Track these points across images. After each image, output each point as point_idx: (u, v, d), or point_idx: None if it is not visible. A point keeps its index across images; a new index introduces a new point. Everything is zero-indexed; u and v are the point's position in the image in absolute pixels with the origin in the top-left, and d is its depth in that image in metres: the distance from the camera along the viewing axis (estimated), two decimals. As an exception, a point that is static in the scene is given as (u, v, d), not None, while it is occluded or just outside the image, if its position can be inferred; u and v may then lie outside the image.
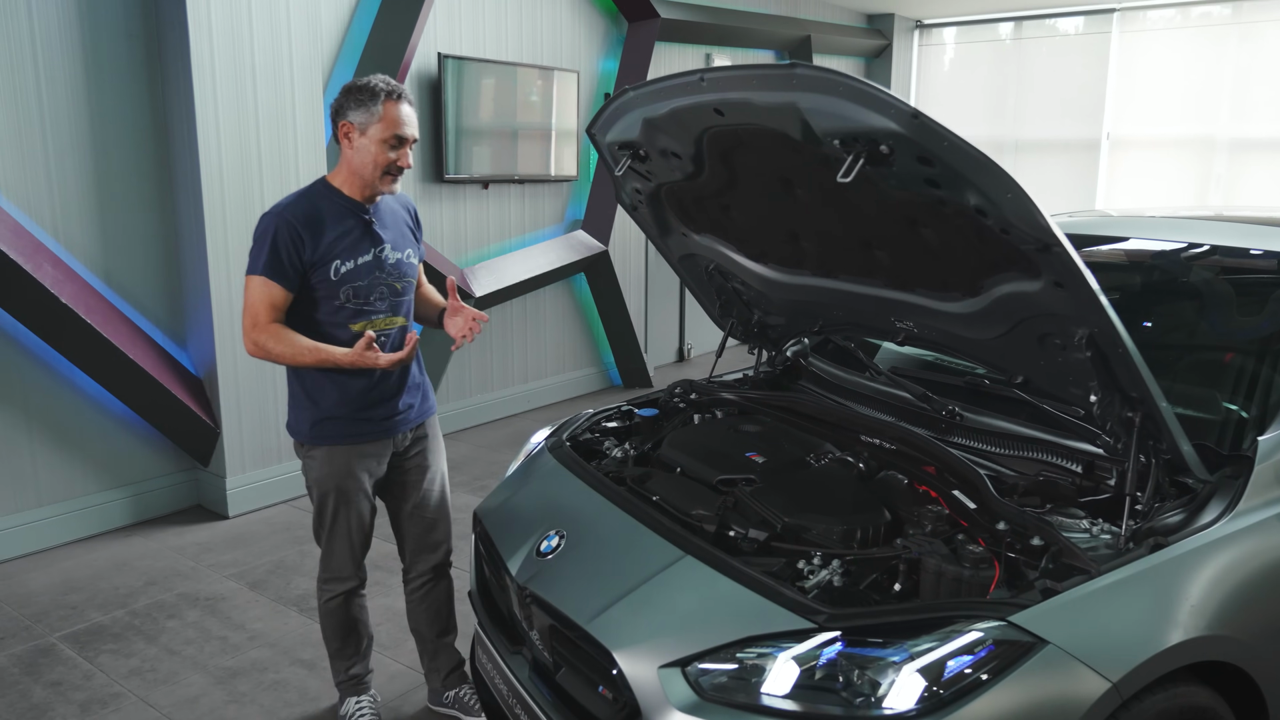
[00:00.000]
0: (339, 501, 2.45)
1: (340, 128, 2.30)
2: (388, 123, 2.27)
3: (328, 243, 2.30)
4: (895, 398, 2.52)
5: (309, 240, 2.27)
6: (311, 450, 2.44)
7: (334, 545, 2.50)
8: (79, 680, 2.91)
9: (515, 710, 2.05)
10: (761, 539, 1.93)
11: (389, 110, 2.27)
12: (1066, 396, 2.03)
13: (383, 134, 2.27)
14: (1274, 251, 2.54)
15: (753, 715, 1.60)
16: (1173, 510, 1.87)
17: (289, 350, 2.29)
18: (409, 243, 2.49)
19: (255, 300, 2.28)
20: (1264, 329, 2.51)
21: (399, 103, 2.30)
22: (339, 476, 2.42)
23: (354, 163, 2.32)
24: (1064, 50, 8.76)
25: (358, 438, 2.41)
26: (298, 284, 2.29)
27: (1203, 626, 1.72)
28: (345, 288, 2.33)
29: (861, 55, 8.99)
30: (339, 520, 2.47)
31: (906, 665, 1.56)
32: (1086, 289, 1.61)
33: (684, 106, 2.11)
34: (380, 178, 2.33)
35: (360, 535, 2.51)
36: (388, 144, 2.29)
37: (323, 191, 2.36)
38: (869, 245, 2.16)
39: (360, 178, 2.33)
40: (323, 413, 2.39)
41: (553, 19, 5.83)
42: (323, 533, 2.50)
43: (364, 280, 2.36)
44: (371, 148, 2.28)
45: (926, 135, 1.56)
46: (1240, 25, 7.90)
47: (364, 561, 2.57)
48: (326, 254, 2.30)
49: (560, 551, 2.03)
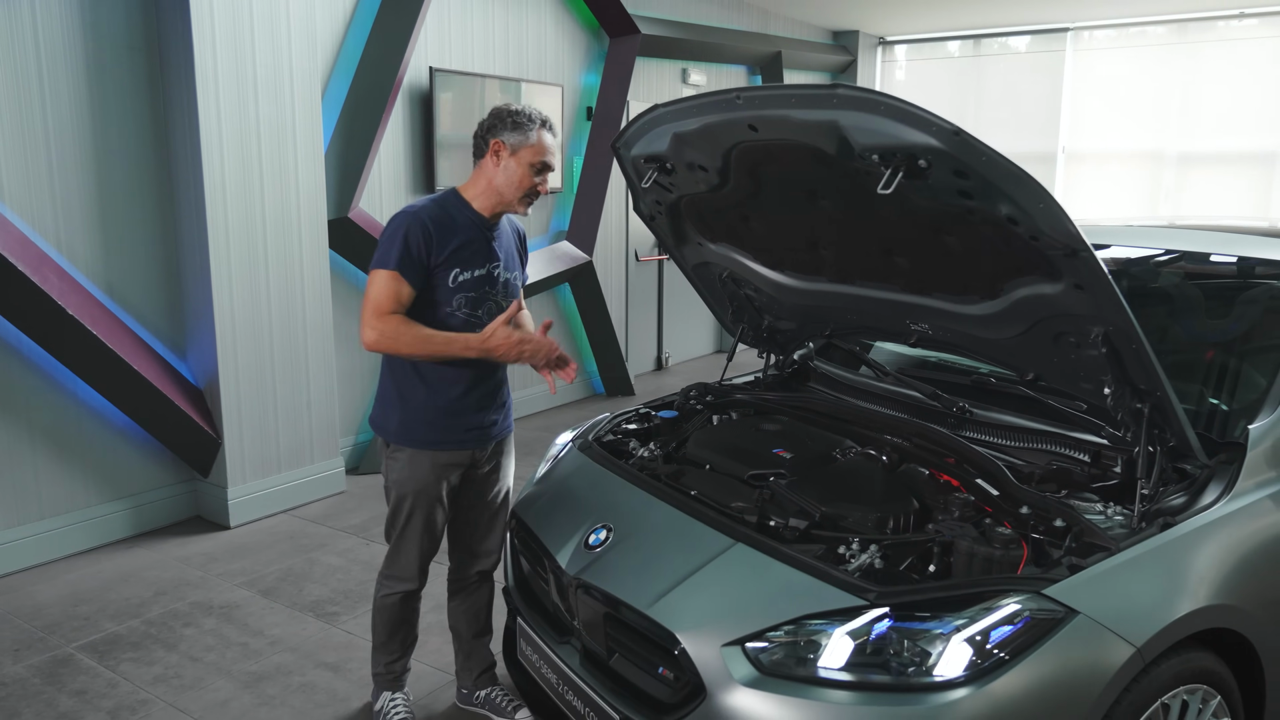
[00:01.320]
0: (415, 505, 2.51)
1: (491, 145, 2.41)
2: (538, 149, 2.40)
3: (452, 249, 2.38)
4: (904, 396, 2.68)
5: (437, 242, 2.36)
6: (396, 451, 2.50)
7: (403, 546, 2.56)
8: (103, 688, 2.93)
9: (566, 697, 2.15)
10: (802, 528, 2.06)
11: (542, 137, 2.41)
12: (1077, 391, 2.19)
13: (532, 158, 2.40)
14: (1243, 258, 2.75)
15: (811, 687, 1.73)
16: (1176, 493, 2.04)
17: (415, 336, 2.32)
18: (516, 265, 2.59)
19: (381, 293, 2.32)
20: (1233, 330, 2.72)
21: (548, 132, 2.44)
22: (420, 481, 2.48)
23: (496, 180, 2.42)
24: (1020, 67, 9.11)
25: (442, 445, 2.48)
26: (422, 283, 2.37)
27: (1209, 596, 1.89)
28: (459, 296, 2.41)
29: (828, 71, 9.24)
30: (412, 523, 2.52)
31: (954, 636, 1.69)
32: (1109, 290, 1.77)
33: (717, 122, 2.24)
34: (520, 199, 2.44)
35: (430, 541, 2.57)
36: (534, 168, 2.41)
37: (455, 201, 2.45)
38: (890, 252, 2.30)
39: (499, 195, 2.43)
40: (411, 414, 2.46)
41: (538, 34, 5.95)
42: (393, 533, 2.55)
43: (476, 292, 2.45)
44: (518, 170, 2.39)
45: (966, 151, 1.71)
46: (1185, 45, 8.30)
47: (428, 567, 2.63)
48: (450, 260, 2.38)
49: (610, 544, 2.14)
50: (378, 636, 2.67)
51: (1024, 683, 1.68)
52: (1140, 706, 1.80)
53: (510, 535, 2.59)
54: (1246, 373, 2.53)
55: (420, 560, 2.58)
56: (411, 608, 2.68)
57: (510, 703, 2.73)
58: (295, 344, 4.42)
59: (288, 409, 4.42)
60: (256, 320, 4.23)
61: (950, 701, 1.65)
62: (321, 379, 4.57)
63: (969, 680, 1.66)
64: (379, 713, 2.69)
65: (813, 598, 1.82)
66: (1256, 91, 8.01)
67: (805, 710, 1.70)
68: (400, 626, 2.67)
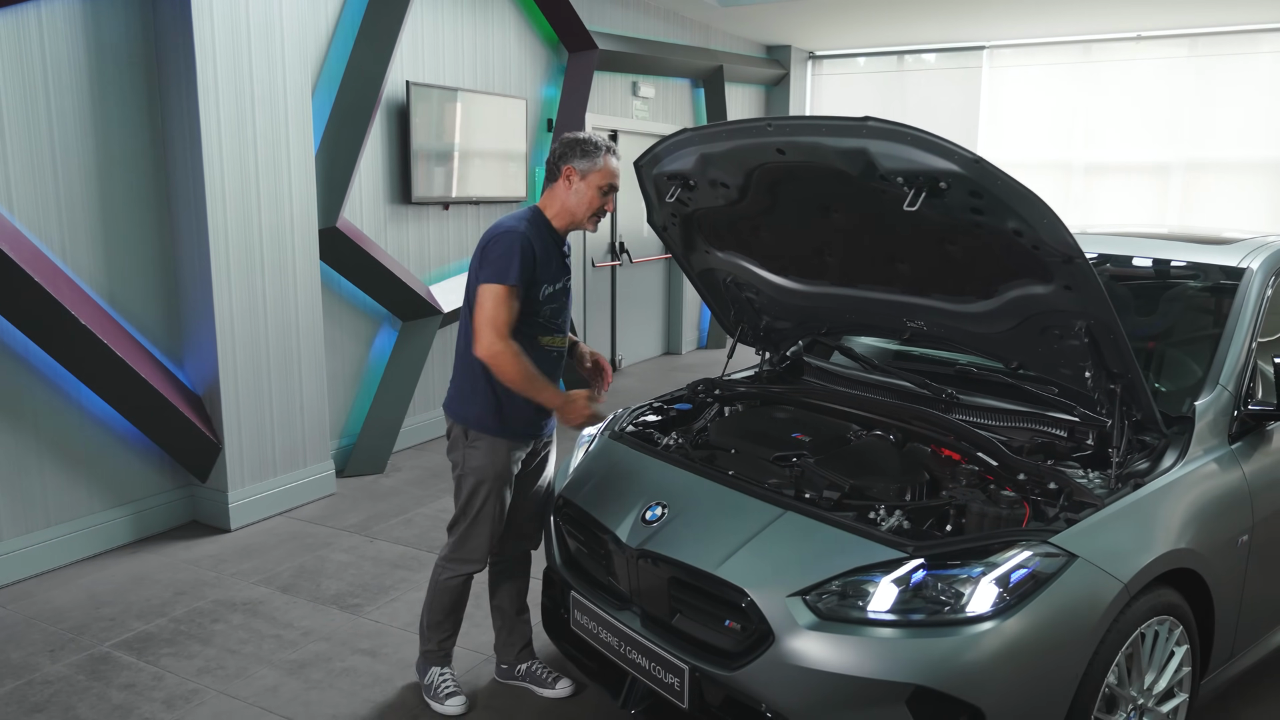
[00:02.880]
0: (492, 490, 2.73)
1: (564, 171, 2.66)
2: (605, 173, 2.66)
3: (543, 265, 2.64)
4: (895, 385, 3.04)
5: (539, 260, 2.62)
6: (477, 439, 2.71)
7: (476, 529, 2.77)
8: (150, 682, 3.06)
9: (630, 656, 2.42)
10: (835, 498, 2.38)
11: (608, 162, 2.67)
12: (1057, 377, 2.57)
13: (600, 181, 2.65)
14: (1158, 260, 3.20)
15: (865, 627, 2.04)
16: (1140, 459, 2.44)
17: (521, 371, 2.57)
18: (568, 275, 2.83)
19: (500, 308, 2.55)
20: (1158, 325, 3.16)
21: (613, 157, 2.70)
22: (498, 466, 2.72)
23: (569, 202, 2.67)
24: (941, 82, 9.73)
25: (517, 435, 2.73)
26: (524, 297, 2.62)
27: (1174, 542, 2.28)
28: (547, 307, 2.68)
29: (763, 84, 9.69)
30: (487, 506, 2.75)
31: (983, 579, 2.03)
32: (1097, 289, 2.15)
33: (746, 145, 2.55)
34: (589, 218, 2.70)
35: (499, 524, 2.80)
36: (602, 190, 2.67)
37: (541, 220, 2.69)
38: (893, 259, 2.65)
39: (571, 214, 2.68)
40: (495, 406, 2.69)
41: (502, 49, 6.17)
42: (465, 519, 2.77)
43: (558, 304, 2.72)
44: (588, 192, 2.65)
45: (984, 175, 2.05)
46: (1090, 64, 9.03)
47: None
48: (541, 275, 2.64)
49: (667, 518, 2.42)
50: (434, 615, 2.88)
51: (1039, 614, 2.02)
52: (1124, 634, 2.17)
53: (555, 519, 2.84)
54: (1180, 359, 2.96)
55: (490, 542, 2.80)
56: (469, 589, 2.91)
57: (550, 674, 2.97)
58: (289, 349, 4.55)
59: (283, 413, 4.55)
60: (254, 326, 4.35)
61: (982, 632, 1.99)
62: (313, 384, 4.70)
63: (996, 614, 2.00)
64: (429, 686, 2.91)
65: (859, 553, 2.14)
66: (1153, 107, 8.78)
67: (861, 646, 2.02)
68: (459, 606, 2.91)
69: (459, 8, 5.77)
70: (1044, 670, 2.04)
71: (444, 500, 4.78)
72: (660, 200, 3.01)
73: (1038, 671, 2.03)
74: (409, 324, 5.47)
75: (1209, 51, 8.57)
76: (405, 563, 4.00)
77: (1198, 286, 3.05)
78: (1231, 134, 8.54)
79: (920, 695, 1.97)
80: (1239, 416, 2.59)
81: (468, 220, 6.02)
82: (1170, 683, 2.36)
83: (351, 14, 4.97)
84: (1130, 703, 2.26)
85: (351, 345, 5.27)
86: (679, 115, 8.45)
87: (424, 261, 5.70)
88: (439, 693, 2.90)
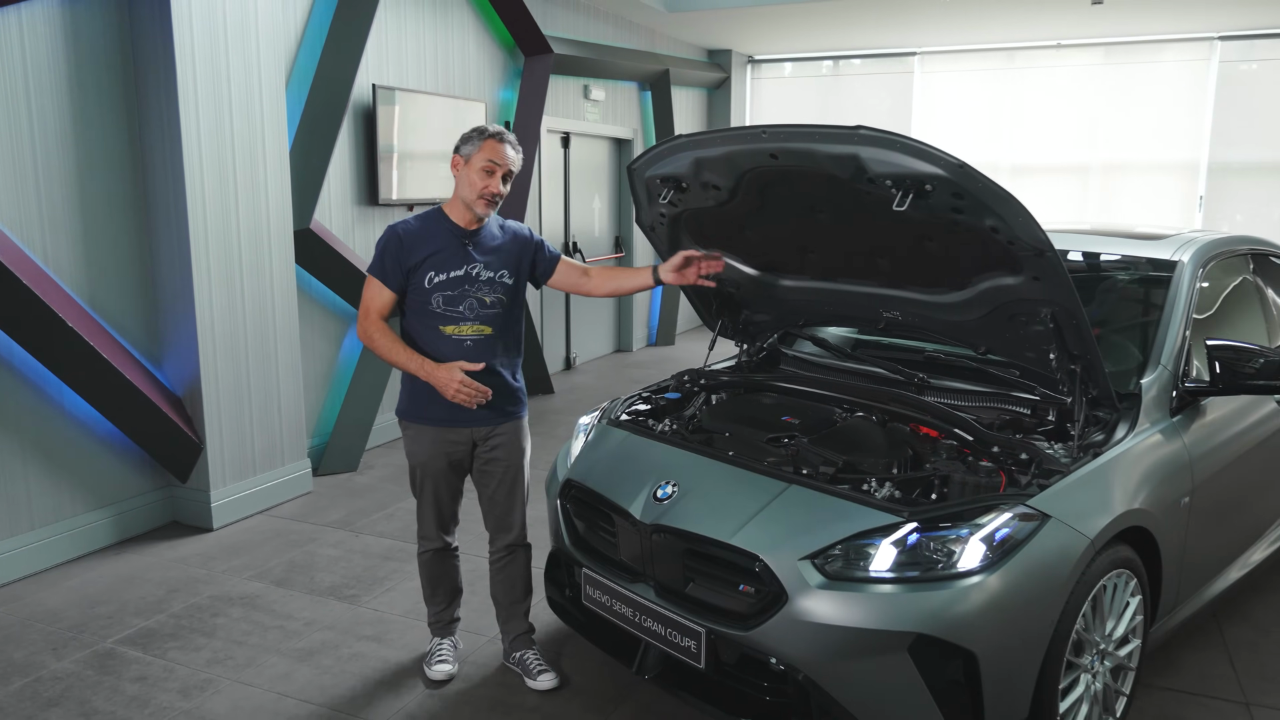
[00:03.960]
0: (423, 475, 2.96)
1: (452, 161, 2.84)
2: (484, 152, 2.79)
3: (425, 255, 2.79)
4: (869, 372, 3.29)
5: (410, 251, 2.79)
6: (405, 426, 2.95)
7: (421, 510, 3.02)
8: (161, 674, 3.12)
9: (645, 624, 2.61)
10: (831, 473, 2.61)
11: (487, 144, 2.80)
12: (1021, 360, 2.85)
13: (480, 162, 2.78)
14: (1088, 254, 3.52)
15: (869, 585, 2.27)
16: (1096, 432, 2.73)
17: (385, 345, 2.79)
18: (506, 265, 2.91)
19: (366, 295, 2.84)
20: (1096, 314, 3.48)
21: (496, 140, 2.82)
22: (423, 453, 2.92)
23: (460, 189, 2.83)
24: (875, 86, 10.14)
25: (434, 423, 2.88)
26: (401, 286, 2.80)
27: (1130, 503, 2.57)
28: (437, 295, 2.81)
29: (706, 86, 9.96)
30: (424, 491, 2.98)
31: (971, 538, 2.28)
32: (1064, 280, 2.41)
33: (740, 150, 2.75)
34: (477, 198, 2.80)
35: (437, 508, 2.99)
36: (485, 171, 2.78)
37: (434, 215, 2.87)
38: (873, 254, 2.89)
39: (462, 200, 2.83)
40: (413, 395, 2.89)
41: (462, 53, 6.28)
42: (415, 498, 3.02)
43: (454, 290, 2.82)
44: (470, 174, 2.79)
45: (966, 178, 2.30)
46: (1014, 70, 9.53)
47: (450, 529, 3.03)
48: (424, 263, 2.79)
49: (678, 495, 2.61)
50: (424, 590, 3.11)
51: (1020, 568, 2.28)
52: (1090, 585, 2.44)
53: (561, 502, 3.01)
54: (1120, 344, 3.28)
55: (437, 523, 3.01)
56: (446, 564, 3.08)
57: (539, 666, 3.08)
58: (267, 349, 4.60)
59: (261, 413, 4.60)
60: (233, 326, 4.40)
61: (972, 585, 2.23)
62: (290, 383, 4.76)
63: (983, 569, 2.25)
64: (426, 653, 3.11)
65: (859, 520, 2.36)
66: (1072, 111, 9.33)
67: (866, 602, 2.25)
68: (441, 580, 3.08)
69: (420, 11, 5.86)
70: (1025, 617, 2.30)
71: (422, 495, 4.89)
72: (650, 201, 3.19)
73: (1020, 618, 2.29)
74: (378, 324, 5.55)
75: (1122, 59, 9.14)
76: (394, 555, 4.11)
77: (1134, 278, 3.37)
78: (1144, 136, 9.14)
79: (920, 642, 2.21)
80: (1179, 393, 2.90)
81: (431, 221, 6.11)
82: (1126, 629, 2.66)
83: (320, 16, 5.03)
84: (1094, 647, 2.54)
85: (322, 345, 5.33)
86: (628, 117, 8.65)
87: (390, 262, 5.78)
88: (431, 659, 3.11)
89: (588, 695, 3.00)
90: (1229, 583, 3.25)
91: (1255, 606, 3.58)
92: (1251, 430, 3.16)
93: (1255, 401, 3.21)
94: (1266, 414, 3.25)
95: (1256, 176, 8.87)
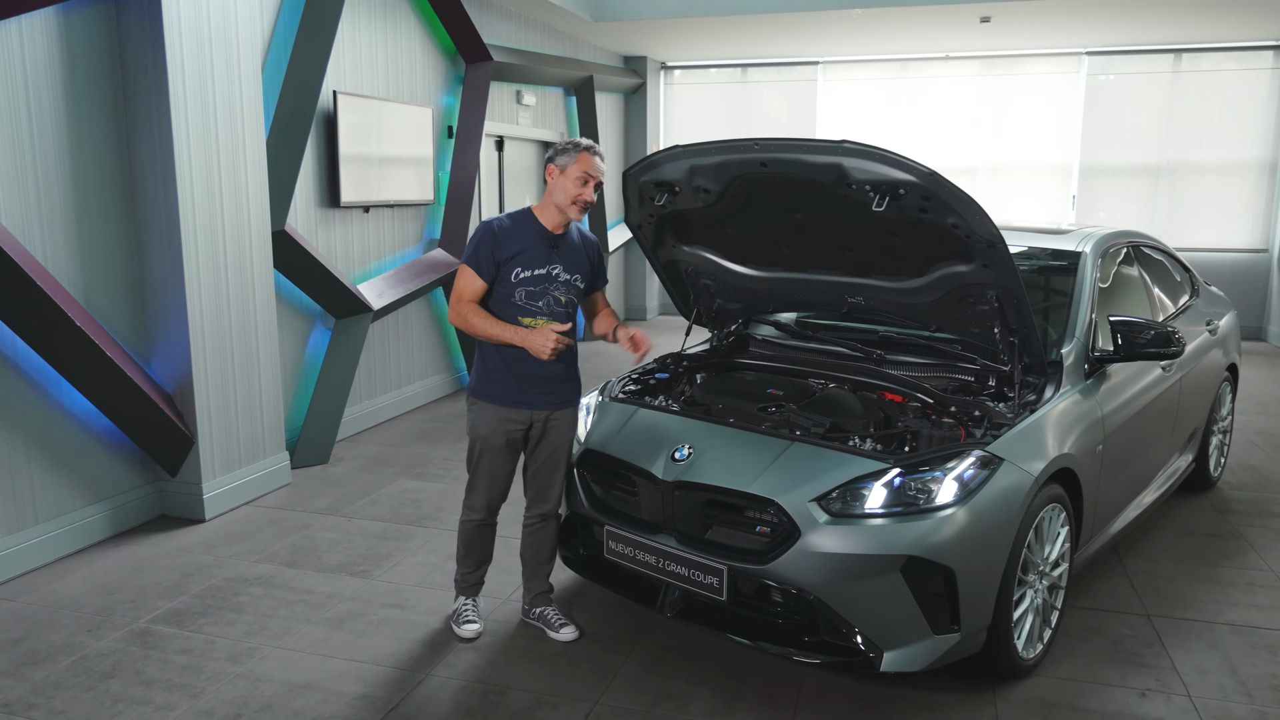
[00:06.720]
0: (482, 450, 3.25)
1: (547, 169, 3.17)
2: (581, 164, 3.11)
3: (514, 252, 3.11)
4: (832, 350, 3.79)
5: (502, 246, 3.10)
6: (472, 405, 3.25)
7: (474, 483, 3.30)
8: (203, 646, 3.34)
9: (669, 569, 3.02)
10: (821, 432, 3.08)
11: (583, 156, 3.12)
12: (968, 336, 3.39)
13: (577, 172, 3.10)
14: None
15: (866, 519, 2.76)
16: (1028, 393, 3.30)
17: (480, 320, 3.10)
18: (582, 269, 3.24)
19: (460, 282, 3.14)
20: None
21: (590, 154, 3.14)
22: (485, 428, 3.22)
23: (553, 195, 3.14)
24: (781, 92, 10.79)
25: (504, 402, 3.21)
26: (492, 277, 3.11)
27: (1060, 449, 3.14)
28: (521, 289, 3.13)
29: (624, 92, 10.39)
30: (480, 464, 3.27)
31: (946, 478, 2.80)
32: (1010, 267, 2.95)
33: (733, 159, 3.20)
34: (570, 204, 3.13)
35: (491, 483, 3.29)
36: (580, 180, 3.11)
37: (524, 216, 3.19)
38: (843, 248, 3.38)
39: (555, 205, 3.14)
40: (484, 376, 3.21)
41: (409, 60, 6.52)
42: (470, 474, 3.29)
43: (536, 286, 3.15)
44: (567, 182, 3.11)
45: (935, 184, 2.80)
46: (907, 79, 10.34)
47: (496, 507, 3.35)
48: (512, 259, 3.11)
49: (694, 456, 3.04)
50: (458, 551, 3.42)
51: (984, 502, 2.81)
52: (1033, 516, 2.99)
53: (579, 470, 3.38)
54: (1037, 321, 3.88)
55: (487, 497, 3.31)
56: (484, 535, 3.41)
57: (559, 620, 3.44)
58: (250, 346, 4.78)
59: (245, 407, 4.78)
60: (220, 324, 4.57)
61: (948, 515, 2.74)
62: (270, 378, 4.95)
63: (956, 503, 2.77)
64: (454, 612, 3.44)
65: (854, 468, 2.85)
66: (960, 117, 10.20)
67: (865, 533, 2.73)
68: (475, 546, 3.41)
69: (371, 19, 6.09)
70: (989, 540, 2.83)
71: (401, 481, 5.16)
72: (641, 203, 3.60)
73: (985, 541, 2.82)
74: (343, 321, 5.76)
75: (1003, 71, 10.06)
76: (391, 535, 4.39)
77: (1043, 265, 3.99)
78: (1024, 141, 10.09)
79: (911, 563, 2.71)
80: (1090, 361, 3.51)
81: (384, 223, 6.35)
82: (1058, 553, 3.23)
83: (286, 23, 5.22)
84: (1036, 567, 3.10)
85: (290, 342, 5.51)
86: (555, 122, 9.00)
87: (349, 262, 5.99)
88: (459, 618, 3.42)
89: (606, 640, 3.39)
90: (1127, 521, 3.91)
91: (1146, 541, 4.27)
92: (1144, 392, 3.81)
93: (1145, 368, 3.87)
94: (1153, 379, 3.92)
95: (1119, 178, 9.94)
